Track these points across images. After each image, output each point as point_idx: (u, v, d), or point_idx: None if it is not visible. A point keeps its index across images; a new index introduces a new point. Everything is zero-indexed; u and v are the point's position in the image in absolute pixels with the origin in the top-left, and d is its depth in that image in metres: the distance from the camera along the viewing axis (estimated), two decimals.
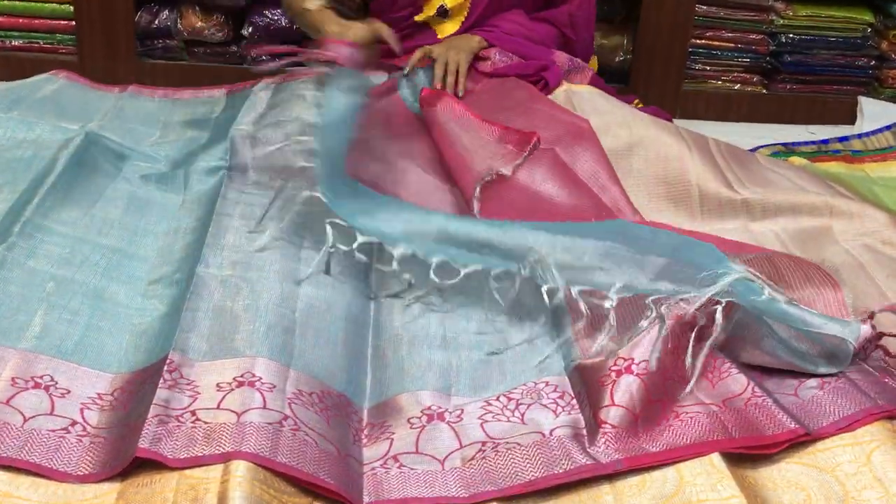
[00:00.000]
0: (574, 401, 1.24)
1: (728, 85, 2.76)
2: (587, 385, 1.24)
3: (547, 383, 1.28)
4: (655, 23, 2.62)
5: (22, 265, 1.39)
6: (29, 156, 1.63)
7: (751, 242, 1.70)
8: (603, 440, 1.16)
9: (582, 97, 1.97)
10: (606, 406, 1.19)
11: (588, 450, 1.16)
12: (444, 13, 2.09)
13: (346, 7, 2.13)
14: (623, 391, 1.19)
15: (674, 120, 2.30)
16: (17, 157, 1.63)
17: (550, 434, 1.19)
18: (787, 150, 2.37)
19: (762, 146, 2.38)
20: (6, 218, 1.45)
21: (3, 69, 2.56)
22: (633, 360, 1.22)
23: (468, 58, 2.02)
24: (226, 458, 1.07)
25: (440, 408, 1.24)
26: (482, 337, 1.38)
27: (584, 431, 1.19)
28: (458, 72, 1.98)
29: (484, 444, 1.19)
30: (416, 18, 2.12)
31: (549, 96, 1.98)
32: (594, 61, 2.25)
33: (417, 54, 2.02)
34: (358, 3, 2.28)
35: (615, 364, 1.23)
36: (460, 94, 1.96)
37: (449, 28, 2.12)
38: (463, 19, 2.10)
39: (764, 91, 2.76)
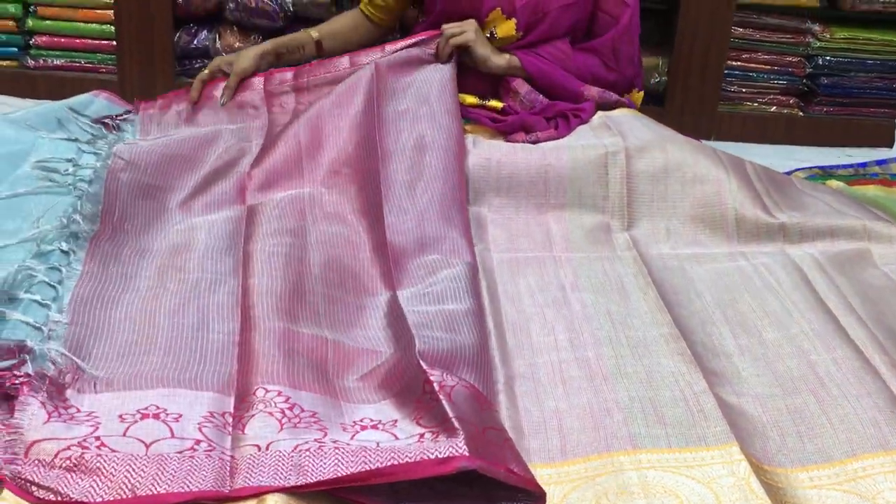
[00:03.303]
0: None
1: (764, 107, 2.75)
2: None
3: None
4: (691, 45, 2.62)
5: None
6: (74, 175, 1.67)
7: (790, 265, 1.69)
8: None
9: (618, 120, 1.96)
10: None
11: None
12: (492, 39, 2.06)
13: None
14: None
15: (709, 142, 2.30)
16: (63, 177, 1.67)
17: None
18: (825, 173, 2.35)
19: (799, 169, 2.36)
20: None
21: (46, 88, 2.60)
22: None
23: (484, 47, 2.01)
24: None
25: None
26: None
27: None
28: (458, 45, 1.98)
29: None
30: None
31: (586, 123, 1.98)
32: (638, 96, 2.22)
33: (442, 42, 2.00)
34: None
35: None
36: (442, 61, 1.99)
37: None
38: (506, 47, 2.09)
39: (800, 113, 2.75)
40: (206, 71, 2.06)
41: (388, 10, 2.18)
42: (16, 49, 2.65)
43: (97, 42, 2.64)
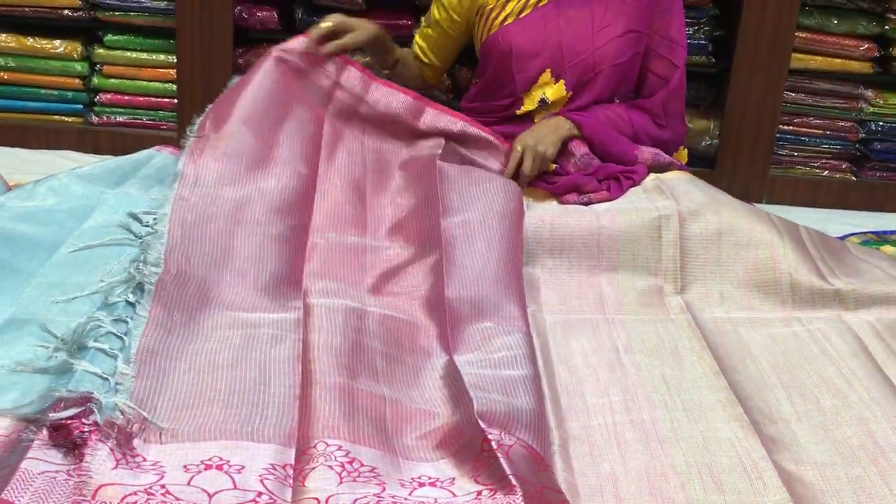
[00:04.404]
0: None
1: (816, 171, 2.74)
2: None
3: None
4: (742, 108, 2.63)
5: None
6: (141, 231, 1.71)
7: (847, 332, 1.68)
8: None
9: (671, 184, 1.97)
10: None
11: None
12: (544, 105, 2.09)
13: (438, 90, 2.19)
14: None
15: (761, 206, 2.30)
16: (141, 228, 1.72)
17: None
18: (879, 238, 2.34)
19: (853, 234, 2.35)
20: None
21: (109, 144, 2.68)
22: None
23: (555, 150, 2.01)
24: None
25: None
26: None
27: None
28: (535, 161, 1.98)
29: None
30: (518, 112, 2.11)
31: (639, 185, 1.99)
32: (683, 153, 2.24)
33: (514, 158, 1.99)
34: (448, 85, 2.34)
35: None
36: (523, 183, 1.97)
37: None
38: (560, 109, 2.10)
39: (853, 178, 2.74)
40: (325, 24, 2.05)
41: (434, 69, 2.28)
42: (81, 106, 2.73)
43: (159, 100, 2.72)
